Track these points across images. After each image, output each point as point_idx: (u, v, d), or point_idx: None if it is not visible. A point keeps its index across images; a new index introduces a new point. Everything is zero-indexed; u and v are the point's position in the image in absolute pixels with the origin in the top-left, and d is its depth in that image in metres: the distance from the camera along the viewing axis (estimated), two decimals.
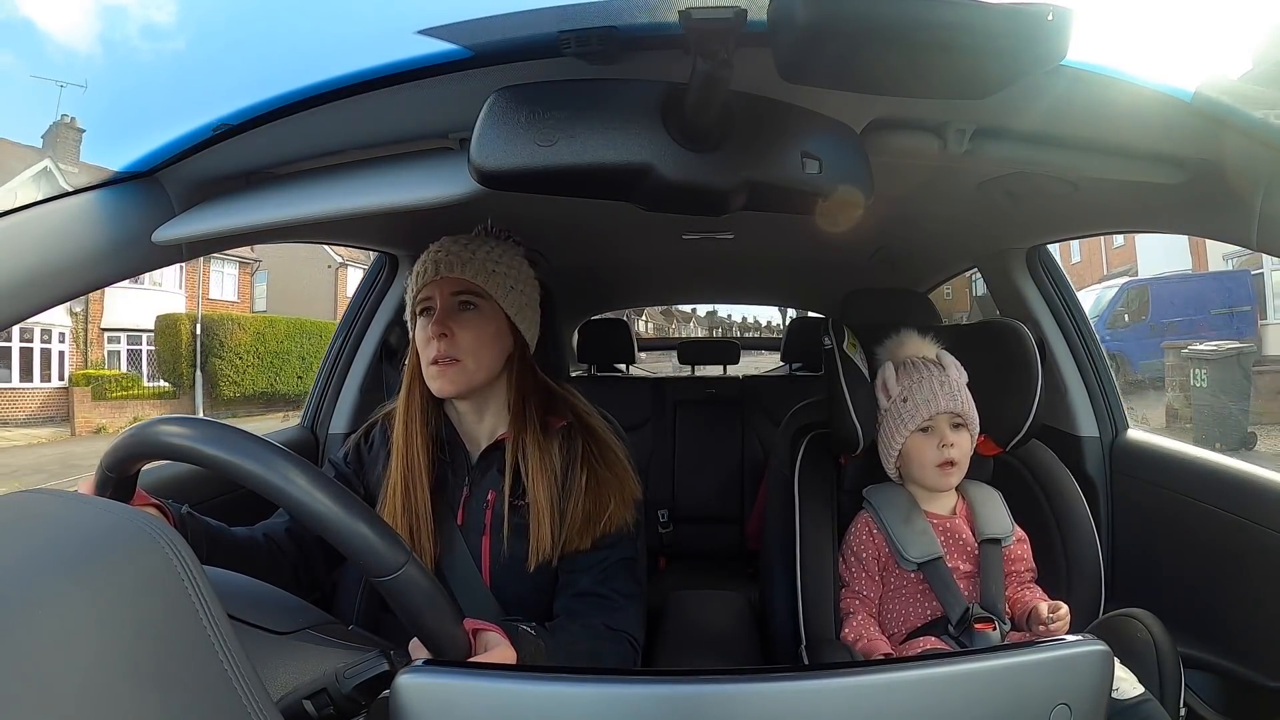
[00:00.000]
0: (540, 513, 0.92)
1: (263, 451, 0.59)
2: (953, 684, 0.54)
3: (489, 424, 0.99)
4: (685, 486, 2.30)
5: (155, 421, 0.65)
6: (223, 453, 0.59)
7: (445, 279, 0.94)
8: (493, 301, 0.95)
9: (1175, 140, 0.81)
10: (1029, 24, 0.49)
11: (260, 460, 0.59)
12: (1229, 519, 1.13)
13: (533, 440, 0.94)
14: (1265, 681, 1.03)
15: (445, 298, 0.94)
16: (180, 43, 0.70)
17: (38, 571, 0.41)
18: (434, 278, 0.94)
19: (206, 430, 0.62)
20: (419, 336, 0.96)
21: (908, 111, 0.81)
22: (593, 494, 0.94)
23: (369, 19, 0.70)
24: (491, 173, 0.58)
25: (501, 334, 0.96)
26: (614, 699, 0.51)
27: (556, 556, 0.93)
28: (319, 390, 1.65)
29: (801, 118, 0.65)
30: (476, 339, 0.94)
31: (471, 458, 0.99)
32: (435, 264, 0.95)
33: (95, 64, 2.12)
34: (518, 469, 0.94)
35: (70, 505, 0.48)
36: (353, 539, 0.59)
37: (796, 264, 2.09)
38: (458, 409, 1.00)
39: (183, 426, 0.62)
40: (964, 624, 1.04)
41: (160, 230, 0.74)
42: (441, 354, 0.92)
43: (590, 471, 0.95)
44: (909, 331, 1.19)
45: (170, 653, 0.43)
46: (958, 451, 1.09)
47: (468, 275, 0.94)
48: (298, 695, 0.62)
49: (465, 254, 0.94)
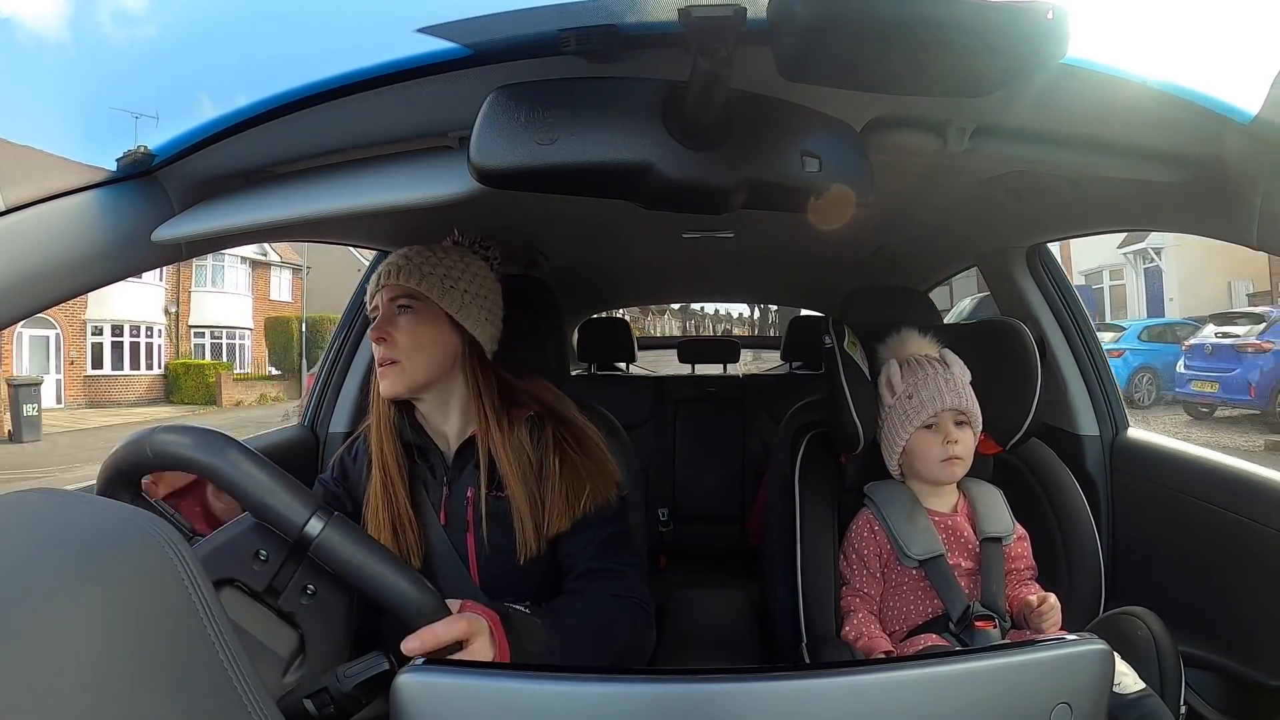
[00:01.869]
0: (520, 505, 0.94)
1: (216, 443, 0.65)
2: (953, 683, 0.54)
3: (456, 423, 1.01)
4: (686, 485, 2.30)
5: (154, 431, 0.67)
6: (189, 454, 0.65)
7: (386, 286, 0.98)
8: (429, 302, 0.97)
9: (1175, 138, 0.81)
10: (1029, 22, 0.49)
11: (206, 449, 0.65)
12: (1229, 517, 1.13)
13: (499, 433, 0.96)
14: (1266, 680, 1.03)
15: (385, 304, 0.98)
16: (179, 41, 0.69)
17: (40, 571, 0.41)
18: (378, 288, 0.99)
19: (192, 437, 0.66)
20: (371, 344, 1.00)
21: (908, 110, 0.81)
22: (568, 477, 0.95)
23: (368, 17, 0.69)
24: (491, 171, 0.58)
25: (443, 334, 0.98)
26: (614, 698, 0.51)
27: (544, 544, 0.94)
28: (319, 389, 1.65)
29: (802, 116, 0.65)
30: (412, 340, 0.96)
31: (447, 457, 1.00)
32: (378, 277, 0.99)
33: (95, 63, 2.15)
34: (493, 463, 0.95)
35: (72, 505, 0.48)
36: (262, 500, 0.64)
37: (797, 263, 2.08)
38: (422, 410, 1.02)
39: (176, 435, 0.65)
40: (965, 622, 1.05)
41: (160, 230, 0.74)
42: (382, 357, 0.96)
43: (564, 456, 0.96)
44: (911, 330, 1.19)
45: (171, 652, 0.43)
46: (962, 448, 1.10)
47: (402, 280, 0.97)
48: (298, 694, 0.62)
49: (403, 261, 0.98)
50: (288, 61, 0.68)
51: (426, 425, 1.02)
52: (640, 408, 2.34)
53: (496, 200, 0.66)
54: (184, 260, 0.83)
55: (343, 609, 0.69)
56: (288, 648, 0.66)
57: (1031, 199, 1.15)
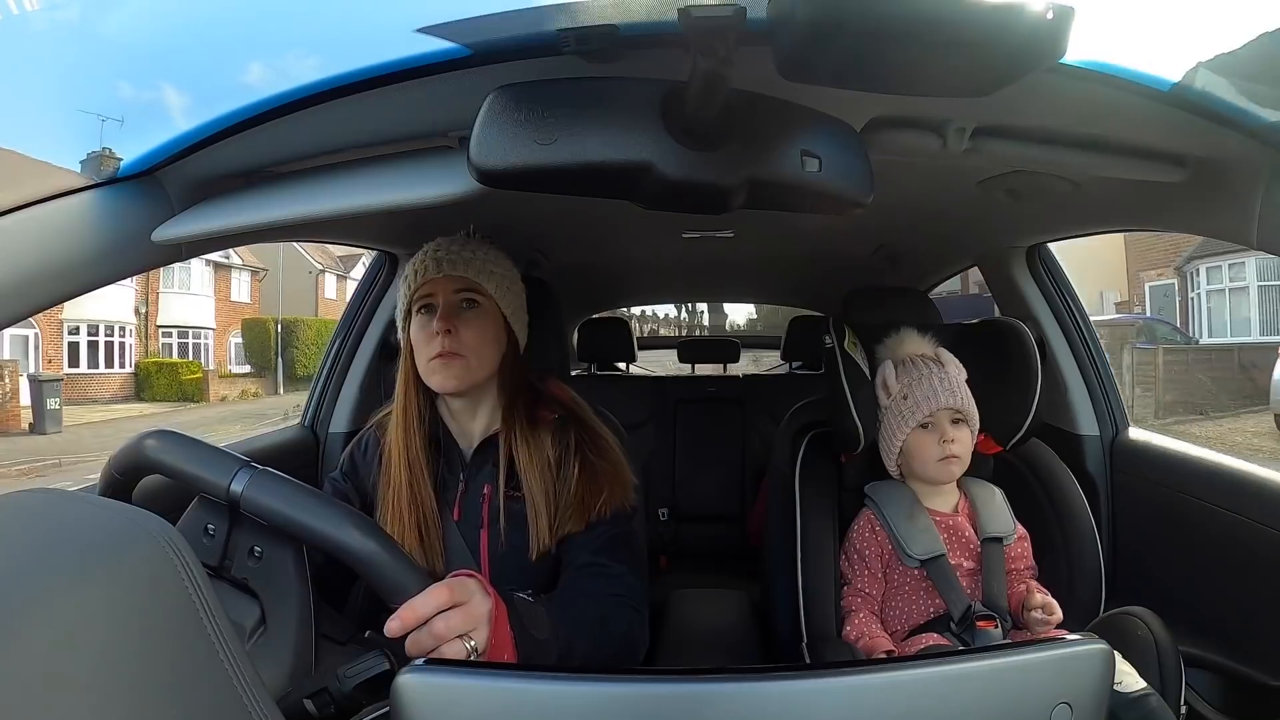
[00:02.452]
0: (537, 503, 0.93)
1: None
2: (954, 683, 0.54)
3: (482, 421, 1.01)
4: (686, 485, 2.30)
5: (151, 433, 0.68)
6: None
7: (449, 277, 0.95)
8: (492, 301, 0.96)
9: (1175, 138, 0.81)
10: (1029, 21, 0.49)
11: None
12: (1229, 517, 1.13)
13: (524, 434, 0.96)
14: (1266, 680, 1.03)
15: (449, 294, 0.96)
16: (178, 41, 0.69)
17: (40, 571, 0.41)
18: (436, 275, 0.95)
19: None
20: (418, 334, 0.97)
21: (908, 110, 0.81)
22: (586, 481, 0.95)
23: (368, 17, 0.69)
24: (491, 171, 0.58)
25: (500, 333, 0.98)
26: (615, 698, 0.51)
27: (555, 542, 0.94)
28: (319, 390, 1.64)
29: (802, 116, 0.65)
30: (479, 336, 0.95)
31: (465, 454, 1.00)
32: (437, 262, 0.96)
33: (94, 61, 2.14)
34: (512, 463, 0.95)
35: (72, 505, 0.48)
36: (191, 471, 0.66)
37: (797, 262, 2.09)
38: (451, 407, 1.01)
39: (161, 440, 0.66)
40: (966, 621, 1.05)
41: (160, 229, 0.74)
42: (446, 349, 0.93)
43: (584, 459, 0.96)
44: (908, 330, 1.19)
45: (172, 652, 0.43)
46: (959, 447, 1.10)
47: (469, 274, 0.95)
48: (299, 694, 0.62)
49: (466, 253, 0.96)
50: (288, 61, 0.68)
51: (452, 422, 1.01)
52: (640, 408, 2.34)
53: (496, 200, 0.66)
54: (184, 260, 0.83)
55: (292, 566, 0.68)
56: (250, 617, 0.66)
57: (1031, 199, 1.15)
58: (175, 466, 0.68)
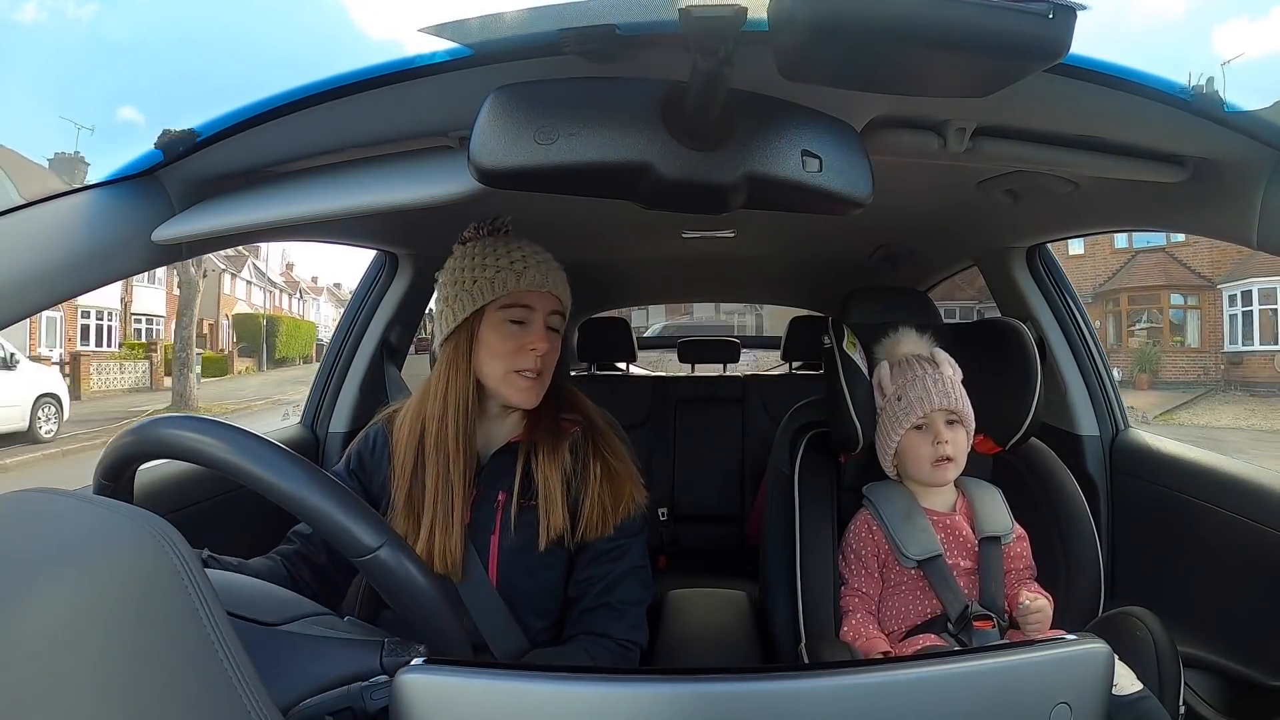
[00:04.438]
0: (552, 498, 0.93)
1: (253, 445, 0.63)
2: (952, 683, 0.54)
3: (509, 428, 1.01)
4: (685, 484, 2.30)
5: (154, 421, 0.66)
6: (216, 450, 0.62)
7: (551, 294, 0.96)
8: (565, 322, 0.99)
9: (1175, 139, 0.81)
10: (1029, 22, 0.49)
11: (249, 454, 0.62)
12: (1229, 518, 1.13)
13: (545, 442, 0.96)
14: (1265, 680, 1.03)
15: (546, 312, 0.96)
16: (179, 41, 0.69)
17: (39, 570, 0.41)
18: (538, 288, 0.94)
19: (203, 428, 0.64)
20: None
21: (908, 110, 0.81)
22: (608, 483, 0.96)
23: (368, 17, 0.70)
24: (491, 171, 0.58)
25: (558, 348, 0.99)
26: (614, 698, 0.51)
27: (572, 542, 0.94)
28: (319, 390, 1.64)
29: (802, 116, 0.65)
30: (554, 356, 0.97)
31: (483, 457, 0.99)
32: (543, 273, 0.95)
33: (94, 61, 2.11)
34: (529, 469, 0.95)
35: (70, 504, 0.48)
36: (328, 520, 0.63)
37: (797, 262, 2.08)
38: (488, 413, 1.00)
39: (182, 428, 0.63)
40: (963, 621, 1.05)
41: (160, 229, 0.74)
42: (536, 367, 0.93)
43: (603, 463, 0.97)
44: (905, 330, 1.19)
45: (170, 652, 0.43)
46: (953, 448, 1.09)
47: (561, 294, 0.96)
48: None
49: (555, 270, 0.96)
50: (288, 61, 0.68)
51: (478, 427, 1.00)
52: (640, 407, 2.34)
53: (496, 200, 0.66)
54: (184, 260, 0.83)
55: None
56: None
57: (1031, 199, 1.15)
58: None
